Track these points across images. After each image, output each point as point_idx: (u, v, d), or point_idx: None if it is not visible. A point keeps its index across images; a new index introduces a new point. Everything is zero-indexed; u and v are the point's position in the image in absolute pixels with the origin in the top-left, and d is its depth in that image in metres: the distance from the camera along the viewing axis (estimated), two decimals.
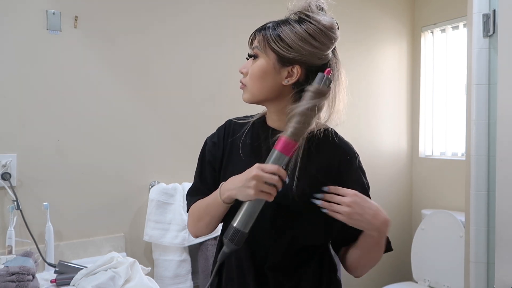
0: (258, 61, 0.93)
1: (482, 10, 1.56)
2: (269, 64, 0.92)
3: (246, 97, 0.97)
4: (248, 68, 0.96)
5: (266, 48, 0.92)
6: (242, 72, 0.97)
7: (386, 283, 2.47)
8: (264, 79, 0.93)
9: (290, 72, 0.92)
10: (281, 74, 0.92)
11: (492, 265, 1.52)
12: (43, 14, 1.64)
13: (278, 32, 0.91)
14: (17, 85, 1.61)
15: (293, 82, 0.92)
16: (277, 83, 0.93)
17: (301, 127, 0.85)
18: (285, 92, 0.94)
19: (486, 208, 1.55)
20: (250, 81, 0.95)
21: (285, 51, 0.90)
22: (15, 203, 1.55)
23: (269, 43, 0.91)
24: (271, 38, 0.91)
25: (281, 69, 0.92)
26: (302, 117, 0.85)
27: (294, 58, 0.90)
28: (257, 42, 0.94)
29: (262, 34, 0.93)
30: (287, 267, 0.96)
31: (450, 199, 2.52)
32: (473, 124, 1.59)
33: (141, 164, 1.86)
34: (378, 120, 2.64)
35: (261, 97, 0.95)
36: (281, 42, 0.90)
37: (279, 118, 0.98)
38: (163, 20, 1.90)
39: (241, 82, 0.97)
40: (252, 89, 0.95)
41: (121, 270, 1.34)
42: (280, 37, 0.90)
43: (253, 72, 0.94)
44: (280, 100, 0.95)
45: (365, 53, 2.57)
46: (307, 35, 0.89)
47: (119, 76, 1.81)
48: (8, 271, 1.21)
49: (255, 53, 0.94)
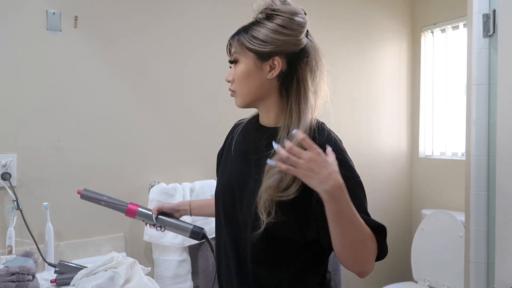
0: (239, 65, 0.98)
1: (482, 10, 1.56)
2: (250, 63, 0.96)
3: (239, 102, 1.01)
4: (232, 75, 1.00)
5: (244, 50, 0.96)
6: (229, 80, 1.01)
7: (386, 283, 2.47)
8: (250, 79, 0.97)
9: (272, 65, 0.95)
10: (263, 69, 0.96)
11: (492, 265, 1.52)
12: (43, 14, 1.64)
13: (251, 32, 0.95)
14: (17, 85, 1.61)
15: (277, 73, 0.95)
16: (262, 79, 0.96)
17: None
18: (272, 86, 0.97)
19: (486, 208, 1.55)
20: (237, 86, 0.99)
21: (261, 47, 0.94)
22: (15, 203, 1.55)
23: (245, 45, 0.95)
24: (245, 39, 0.95)
25: (263, 64, 0.95)
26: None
27: (271, 51, 0.94)
28: (234, 48, 0.98)
29: (237, 39, 0.97)
30: (270, 262, 0.97)
31: (450, 199, 2.52)
32: (473, 124, 1.59)
33: (141, 164, 1.86)
34: (378, 120, 2.64)
35: (252, 98, 0.99)
36: (255, 40, 0.94)
37: (268, 115, 1.01)
38: (163, 20, 1.90)
39: (230, 89, 1.01)
40: (241, 92, 0.99)
41: (121, 270, 1.34)
42: (253, 36, 0.94)
43: (238, 76, 0.98)
44: (269, 96, 0.98)
45: (365, 53, 2.57)
46: (277, 26, 0.93)
47: (119, 76, 1.81)
48: (8, 271, 1.21)
49: (235, 58, 0.98)
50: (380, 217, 2.84)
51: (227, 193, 1.03)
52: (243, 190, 0.99)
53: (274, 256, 0.97)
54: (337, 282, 2.25)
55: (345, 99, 2.49)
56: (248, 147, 1.03)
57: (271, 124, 1.01)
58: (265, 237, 0.92)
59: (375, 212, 2.86)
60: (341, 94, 2.47)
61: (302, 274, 0.97)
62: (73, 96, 1.71)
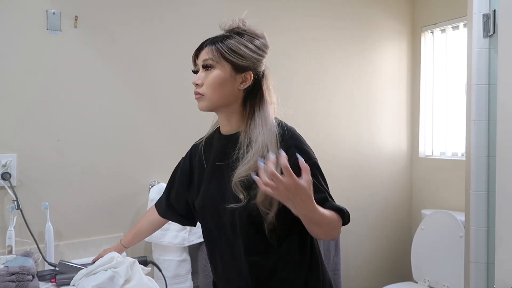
0: (214, 71, 1.05)
1: (482, 10, 1.56)
2: (226, 73, 1.05)
3: (205, 105, 1.08)
4: (202, 79, 1.06)
5: (221, 59, 1.04)
6: (198, 83, 1.07)
7: (386, 283, 2.47)
8: (223, 86, 1.05)
9: (244, 78, 1.06)
10: (236, 80, 1.06)
11: (492, 265, 1.52)
12: (43, 14, 1.64)
13: (228, 45, 1.05)
14: (17, 85, 1.61)
15: (246, 86, 1.07)
16: (234, 89, 1.06)
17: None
18: (238, 96, 1.08)
19: (486, 208, 1.56)
20: (209, 90, 1.05)
21: (239, 61, 1.05)
22: (15, 203, 1.55)
23: (223, 55, 1.04)
24: (224, 50, 1.05)
25: (236, 76, 1.06)
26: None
27: (247, 66, 1.06)
28: (208, 55, 1.06)
29: (215, 48, 1.05)
30: (261, 249, 1.05)
31: (450, 199, 2.52)
32: (473, 124, 1.59)
33: (141, 164, 1.86)
34: (378, 120, 2.64)
35: (219, 104, 1.07)
36: (234, 53, 1.04)
37: (229, 122, 1.11)
38: (163, 20, 1.90)
39: (198, 92, 1.07)
40: (212, 97, 1.06)
41: (121, 270, 1.34)
42: (232, 49, 1.04)
43: (212, 81, 1.05)
44: (233, 104, 1.08)
45: (365, 53, 2.57)
46: (254, 46, 1.06)
47: (119, 76, 1.81)
48: (8, 271, 1.21)
49: (210, 64, 1.05)
50: (380, 217, 2.86)
51: (210, 204, 1.12)
52: (224, 196, 1.06)
53: (264, 243, 1.05)
54: (337, 282, 2.25)
55: (345, 99, 2.49)
56: (216, 156, 1.13)
57: (233, 131, 1.11)
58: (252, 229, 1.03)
59: (375, 212, 2.87)
60: (341, 94, 2.47)
61: (292, 255, 1.07)
62: (73, 96, 1.71)
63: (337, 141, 2.44)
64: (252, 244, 1.05)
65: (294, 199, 0.87)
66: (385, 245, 2.69)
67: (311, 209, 0.90)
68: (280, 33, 2.21)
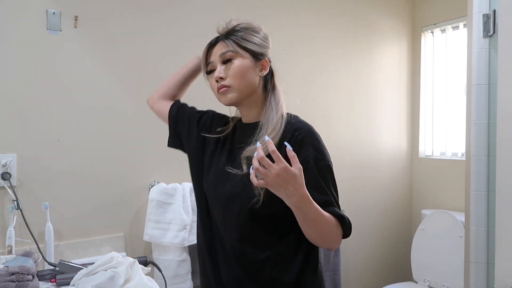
0: (236, 61, 1.05)
1: (482, 10, 1.56)
2: (247, 61, 1.05)
3: (234, 97, 1.06)
4: (223, 73, 1.05)
5: (240, 49, 1.05)
6: (221, 77, 1.05)
7: (386, 283, 2.47)
8: (248, 74, 1.05)
9: (262, 65, 1.08)
10: (257, 67, 1.07)
11: (492, 265, 1.52)
12: (43, 14, 1.64)
13: (241, 36, 1.06)
14: (17, 85, 1.61)
15: (266, 73, 1.08)
16: (257, 75, 1.07)
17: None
18: (259, 84, 1.08)
19: (486, 208, 1.55)
20: (236, 80, 1.04)
21: (256, 48, 1.06)
22: (15, 203, 1.55)
23: (241, 45, 1.05)
24: (240, 40, 1.06)
25: (256, 63, 1.07)
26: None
27: (263, 52, 1.08)
28: (225, 48, 1.06)
29: (229, 41, 1.06)
30: (256, 239, 1.03)
31: (450, 199, 2.52)
32: (473, 124, 1.58)
33: (141, 164, 1.86)
34: (378, 120, 2.64)
35: (246, 93, 1.06)
36: (249, 42, 1.06)
37: (250, 112, 1.10)
38: (163, 19, 1.90)
39: (223, 85, 1.05)
40: (240, 86, 1.05)
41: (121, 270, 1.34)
42: (246, 39, 1.06)
43: (238, 70, 1.04)
44: (255, 92, 1.08)
45: (365, 53, 2.57)
46: (262, 37, 1.09)
47: (119, 76, 1.81)
48: (8, 271, 1.21)
49: (230, 56, 1.05)
50: (380, 217, 2.86)
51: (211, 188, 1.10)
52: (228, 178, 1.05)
53: (260, 236, 1.03)
54: (337, 283, 2.25)
55: (345, 99, 2.49)
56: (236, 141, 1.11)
57: (254, 120, 1.10)
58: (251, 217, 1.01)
59: (375, 212, 2.87)
60: (341, 94, 2.47)
61: (285, 254, 1.04)
62: (73, 96, 1.71)
63: (337, 141, 2.44)
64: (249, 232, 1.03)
65: (286, 187, 0.86)
66: (385, 245, 2.69)
67: (305, 200, 0.89)
68: (279, 33, 2.21)
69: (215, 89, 1.08)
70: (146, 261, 1.50)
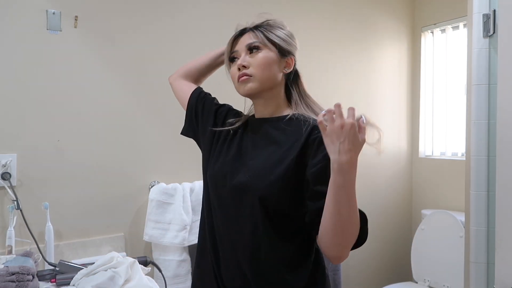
0: (262, 52, 1.04)
1: (482, 10, 1.56)
2: (273, 54, 1.04)
3: (254, 86, 1.03)
4: (248, 62, 1.03)
5: (267, 41, 1.04)
6: (244, 66, 1.03)
7: (386, 283, 2.47)
8: (273, 66, 1.04)
9: (287, 63, 1.07)
10: (281, 63, 1.06)
11: (492, 265, 1.52)
12: (43, 14, 1.64)
13: (271, 29, 1.06)
14: (17, 85, 1.61)
15: (289, 71, 1.07)
16: (280, 70, 1.06)
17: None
18: (280, 80, 1.07)
19: (486, 208, 1.55)
20: (258, 70, 1.03)
21: (284, 44, 1.05)
22: (15, 203, 1.55)
23: (269, 37, 1.04)
24: (269, 33, 1.05)
25: (281, 59, 1.06)
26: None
27: (290, 50, 1.07)
28: (253, 38, 1.05)
29: (258, 32, 1.05)
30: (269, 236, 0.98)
31: (450, 199, 2.52)
32: (473, 125, 1.58)
33: (141, 164, 1.86)
34: (378, 120, 2.63)
35: (267, 85, 1.04)
36: (278, 37, 1.05)
37: (266, 107, 1.08)
38: (163, 19, 1.90)
39: (245, 74, 1.03)
40: (262, 77, 1.03)
41: (121, 270, 1.34)
42: (276, 34, 1.05)
43: (262, 61, 1.03)
44: (275, 88, 1.07)
45: (365, 53, 2.57)
46: (290, 34, 1.08)
47: (119, 76, 1.81)
48: (8, 271, 1.21)
49: (257, 45, 1.04)
50: (380, 217, 2.86)
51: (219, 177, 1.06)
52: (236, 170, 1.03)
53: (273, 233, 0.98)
54: (337, 283, 2.25)
55: (345, 99, 2.49)
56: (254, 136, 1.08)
57: (268, 115, 1.08)
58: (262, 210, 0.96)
59: (375, 212, 2.86)
60: (341, 94, 2.47)
61: (296, 256, 1.00)
62: (73, 96, 1.71)
63: None
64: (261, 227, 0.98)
65: (343, 142, 0.80)
66: (385, 245, 2.69)
67: (352, 166, 0.82)
68: None
69: (236, 78, 1.05)
70: (146, 261, 1.50)
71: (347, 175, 0.83)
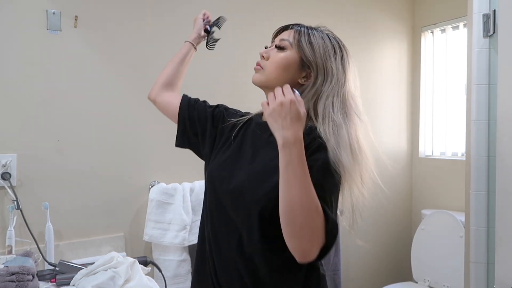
0: (285, 52, 1.01)
1: (482, 10, 1.56)
2: (295, 59, 1.00)
3: (260, 78, 1.03)
4: (269, 54, 1.02)
5: (296, 45, 1.00)
6: (263, 56, 1.03)
7: (386, 283, 2.47)
8: (286, 70, 1.01)
9: (308, 75, 1.01)
10: (300, 72, 1.02)
11: (492, 265, 1.52)
12: (43, 14, 1.64)
13: (311, 35, 1.01)
14: (17, 85, 1.61)
15: (306, 83, 1.01)
16: (294, 78, 1.01)
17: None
18: (294, 84, 1.01)
19: (486, 208, 1.56)
20: (271, 67, 1.01)
21: (310, 54, 0.99)
22: (15, 203, 1.55)
23: (300, 42, 1.00)
24: (304, 37, 1.00)
25: (302, 68, 1.01)
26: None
27: (314, 63, 1.00)
28: (288, 36, 1.02)
29: (298, 31, 1.01)
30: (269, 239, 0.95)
31: (450, 199, 2.52)
32: (473, 124, 1.59)
33: (141, 164, 1.86)
34: (378, 120, 2.64)
35: (274, 84, 0.98)
36: (310, 44, 1.00)
37: None
38: (163, 19, 1.90)
39: (259, 64, 1.03)
40: (270, 74, 1.01)
41: (121, 270, 1.34)
42: (311, 41, 1.00)
43: (279, 60, 1.01)
44: None
45: (365, 53, 2.57)
46: (333, 52, 1.02)
47: (119, 76, 1.81)
48: (8, 271, 1.21)
49: (284, 45, 1.01)
50: (380, 217, 2.85)
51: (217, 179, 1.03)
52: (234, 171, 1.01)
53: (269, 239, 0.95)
54: (337, 283, 2.25)
55: None
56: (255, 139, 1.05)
57: None
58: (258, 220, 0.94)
59: (375, 212, 2.86)
60: None
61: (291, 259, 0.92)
62: (73, 96, 1.71)
63: None
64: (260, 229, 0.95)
65: (284, 118, 0.83)
66: (385, 245, 2.69)
67: (296, 141, 0.83)
68: None
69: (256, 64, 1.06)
70: (146, 261, 1.49)
71: (294, 149, 0.83)
